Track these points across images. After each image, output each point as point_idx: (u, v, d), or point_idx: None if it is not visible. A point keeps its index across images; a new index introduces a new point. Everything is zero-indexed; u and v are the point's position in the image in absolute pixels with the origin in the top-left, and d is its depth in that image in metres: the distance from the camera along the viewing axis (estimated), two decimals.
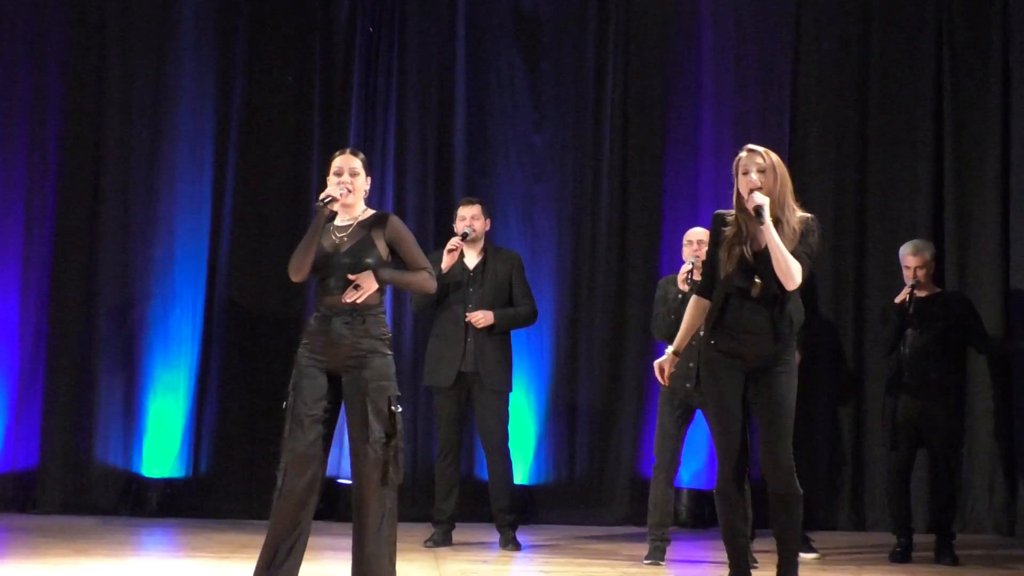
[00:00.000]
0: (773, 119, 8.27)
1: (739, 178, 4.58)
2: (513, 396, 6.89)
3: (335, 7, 8.23)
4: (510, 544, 6.62)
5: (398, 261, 4.75)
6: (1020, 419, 7.65)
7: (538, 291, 7.30)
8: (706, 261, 4.83)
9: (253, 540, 6.43)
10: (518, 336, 7.14)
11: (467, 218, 6.79)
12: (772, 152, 4.60)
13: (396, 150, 8.21)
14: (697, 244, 6.19)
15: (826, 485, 7.96)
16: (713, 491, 4.70)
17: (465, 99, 8.25)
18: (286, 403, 4.61)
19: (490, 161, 8.26)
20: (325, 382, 4.61)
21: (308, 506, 4.57)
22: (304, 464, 4.53)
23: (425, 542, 6.62)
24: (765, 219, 4.46)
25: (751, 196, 4.51)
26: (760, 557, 5.79)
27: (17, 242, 7.92)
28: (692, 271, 6.13)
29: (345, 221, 4.73)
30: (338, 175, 4.72)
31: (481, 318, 6.66)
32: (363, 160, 4.79)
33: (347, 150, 4.85)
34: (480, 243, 6.82)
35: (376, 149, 8.08)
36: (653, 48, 8.34)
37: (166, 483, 7.78)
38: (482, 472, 7.38)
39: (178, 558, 6.29)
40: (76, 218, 7.97)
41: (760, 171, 4.55)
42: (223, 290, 8.01)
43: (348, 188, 4.70)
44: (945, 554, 6.52)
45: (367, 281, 4.58)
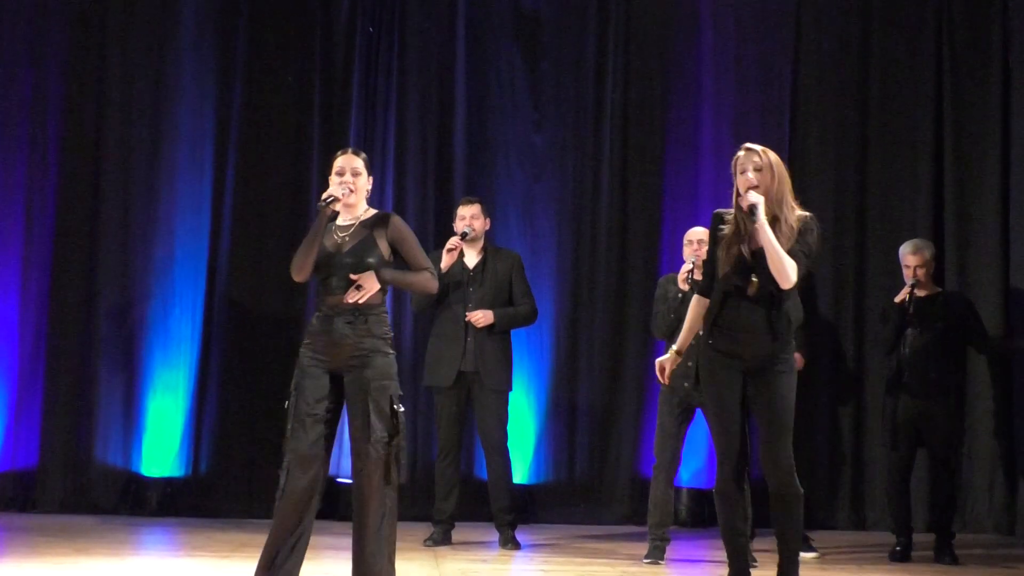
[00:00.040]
0: (773, 119, 8.27)
1: (737, 177, 4.60)
2: (513, 396, 6.89)
3: (335, 7, 8.23)
4: (510, 543, 6.62)
5: (400, 261, 4.74)
6: (1020, 419, 7.65)
7: (538, 291, 7.30)
8: (706, 260, 4.83)
9: (253, 539, 6.44)
10: (518, 336, 7.14)
11: (466, 217, 6.79)
12: (770, 151, 4.59)
13: (396, 150, 8.21)
14: (697, 244, 6.20)
15: (826, 485, 7.96)
16: (713, 490, 4.70)
17: (465, 99, 8.25)
18: (288, 403, 4.60)
19: (490, 161, 8.26)
20: (327, 382, 4.60)
21: (310, 506, 4.56)
22: (306, 464, 4.52)
23: (425, 541, 6.62)
24: (759, 218, 4.47)
25: (746, 195, 4.52)
26: (760, 556, 5.79)
27: (17, 242, 7.92)
28: (692, 270, 6.13)
29: (347, 221, 4.72)
30: (340, 175, 4.70)
31: (481, 317, 6.66)
32: (365, 160, 4.78)
33: (349, 149, 4.83)
34: (480, 242, 6.82)
35: (376, 149, 8.07)
36: (653, 48, 8.34)
37: (166, 482, 7.78)
38: (482, 472, 7.37)
39: (178, 557, 6.28)
40: (76, 218, 7.97)
41: (757, 170, 4.55)
42: (223, 290, 8.01)
43: (350, 188, 4.69)
44: (945, 554, 6.53)
45: (369, 281, 4.57)
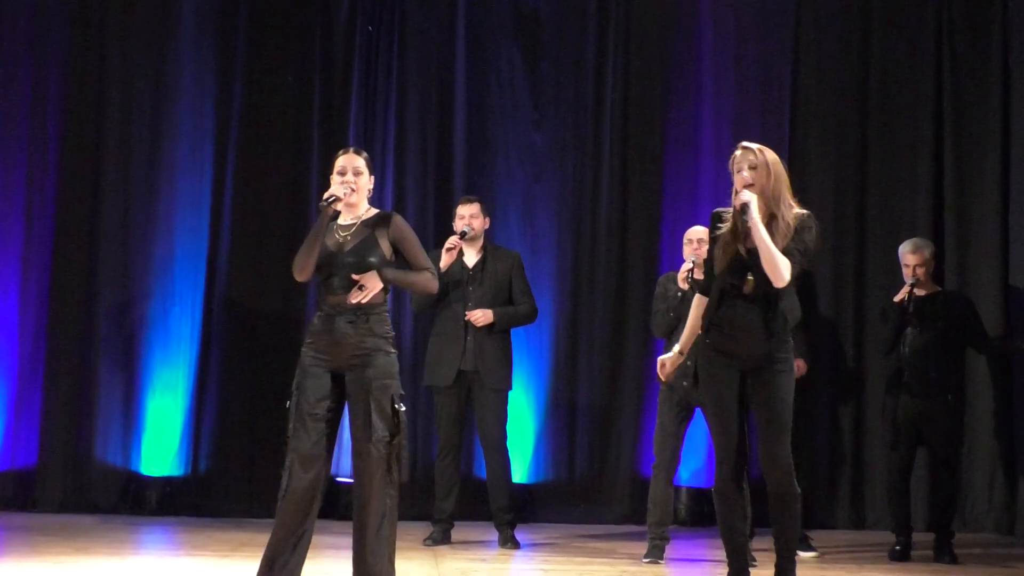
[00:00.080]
0: (773, 119, 8.27)
1: (734, 175, 4.61)
2: (513, 395, 6.89)
3: (335, 7, 8.23)
4: (509, 543, 6.62)
5: (401, 261, 4.74)
6: (1020, 419, 7.65)
7: (538, 290, 7.30)
8: (707, 260, 4.84)
9: (253, 538, 6.44)
10: (518, 335, 7.14)
11: (466, 217, 6.79)
12: (767, 149, 4.60)
13: (396, 150, 8.21)
14: (697, 243, 6.20)
15: (826, 484, 7.96)
16: (712, 490, 4.70)
17: (465, 99, 8.25)
18: (289, 402, 4.59)
19: (490, 160, 8.26)
20: (329, 381, 4.59)
21: (312, 505, 4.55)
22: (308, 464, 4.51)
23: (424, 540, 6.62)
24: (751, 216, 4.48)
25: (739, 193, 4.53)
26: (759, 556, 5.79)
27: (17, 242, 7.92)
28: (692, 269, 6.14)
29: (348, 220, 4.71)
30: (341, 174, 4.69)
31: (480, 317, 6.66)
32: (366, 159, 4.76)
33: (350, 149, 4.80)
34: (479, 241, 6.81)
35: (376, 148, 8.07)
36: (653, 48, 8.34)
37: (166, 481, 7.79)
38: (481, 471, 7.37)
39: (178, 556, 6.28)
40: (76, 217, 7.98)
41: (752, 168, 4.56)
42: (223, 289, 8.02)
43: (352, 187, 4.67)
44: (944, 553, 6.52)
45: (372, 281, 4.55)
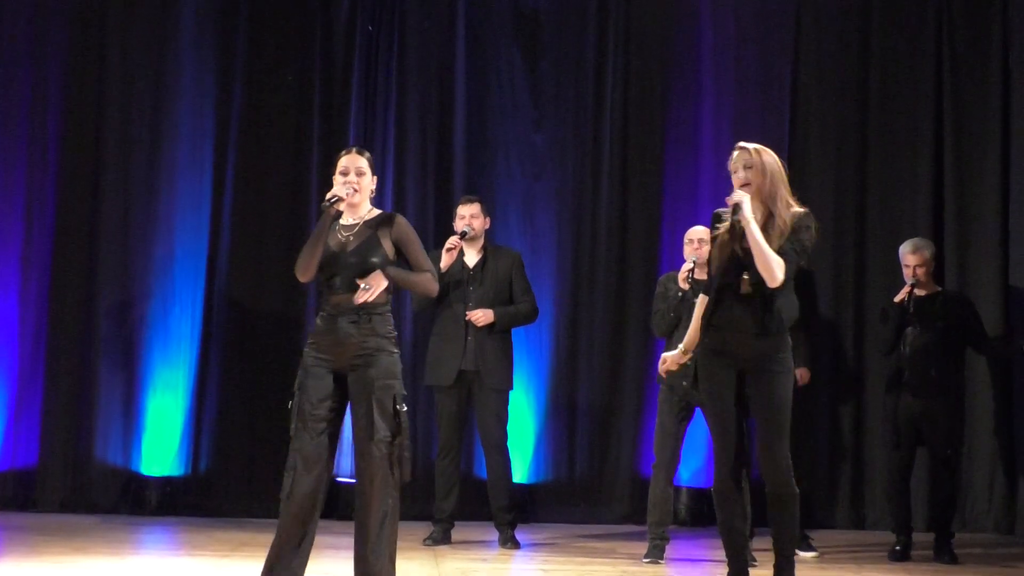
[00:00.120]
0: (773, 119, 8.27)
1: (732, 176, 4.64)
2: (513, 395, 6.88)
3: (335, 7, 8.23)
4: (509, 542, 6.61)
5: (403, 262, 4.74)
6: (1020, 418, 7.65)
7: (538, 290, 7.29)
8: (709, 260, 4.85)
9: (253, 538, 6.45)
10: (518, 335, 7.14)
11: (466, 216, 6.78)
12: (765, 149, 4.62)
13: (396, 150, 8.21)
14: (698, 243, 6.20)
15: (826, 484, 7.96)
16: (711, 490, 4.71)
17: (465, 98, 8.25)
18: (291, 403, 4.59)
19: (490, 160, 8.26)
20: (331, 382, 4.58)
21: (315, 506, 4.55)
22: (311, 464, 4.51)
23: (424, 540, 6.61)
24: (743, 216, 4.51)
25: (733, 193, 4.56)
26: (759, 555, 5.79)
27: (17, 241, 7.92)
28: (693, 269, 6.14)
29: (351, 220, 4.70)
30: (344, 174, 4.68)
31: (481, 316, 6.65)
32: (369, 159, 4.75)
33: (353, 149, 4.78)
34: (480, 241, 6.81)
35: (376, 148, 8.06)
36: (653, 47, 8.34)
37: (166, 481, 7.78)
38: (481, 471, 7.37)
39: (178, 556, 6.28)
40: (76, 217, 7.97)
41: (747, 168, 4.59)
42: (223, 288, 8.01)
43: (354, 187, 4.67)
44: (944, 553, 6.53)
45: (377, 280, 4.53)
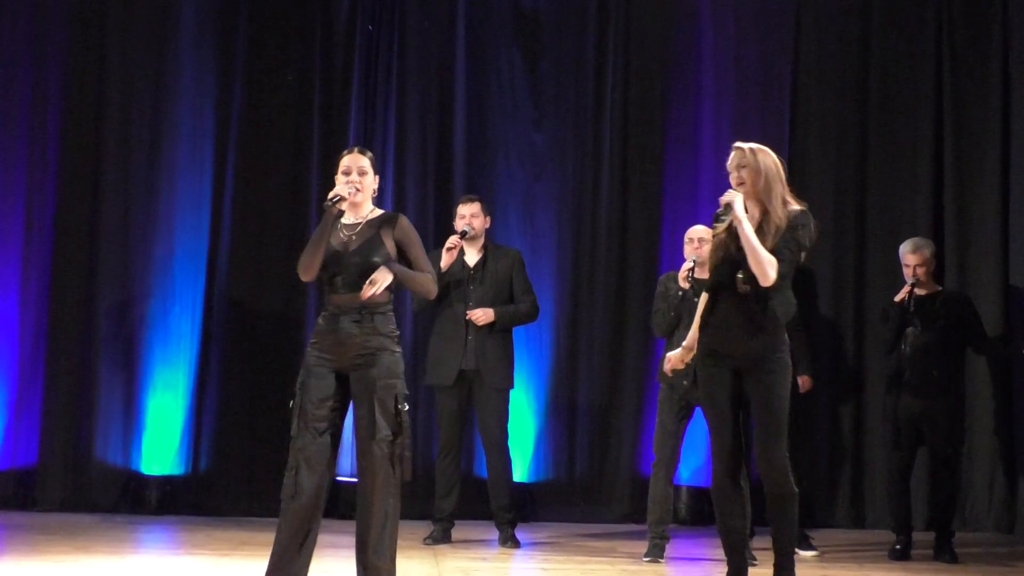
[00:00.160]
0: (773, 119, 8.27)
1: (730, 176, 4.68)
2: (513, 394, 6.88)
3: (335, 7, 8.23)
4: (509, 542, 6.61)
5: (404, 262, 4.73)
6: (1020, 418, 7.65)
7: (538, 290, 7.28)
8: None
9: (253, 537, 6.45)
10: (518, 334, 7.13)
11: (466, 216, 6.78)
12: (760, 148, 4.65)
13: (396, 150, 8.21)
14: (698, 242, 6.21)
15: (826, 483, 7.97)
16: (711, 488, 4.73)
17: (465, 98, 8.25)
18: (293, 402, 4.60)
19: (490, 160, 8.26)
20: (333, 382, 4.58)
21: (318, 506, 4.55)
22: (313, 464, 4.51)
23: (425, 540, 6.61)
24: (734, 215, 4.54)
25: (725, 193, 4.60)
26: (760, 554, 5.79)
27: (17, 241, 7.91)
28: (693, 268, 6.14)
29: (353, 220, 4.70)
30: (346, 174, 4.68)
31: (481, 316, 6.66)
32: (371, 159, 4.75)
33: (355, 149, 4.79)
34: (480, 241, 6.81)
35: (376, 148, 8.05)
36: (653, 47, 8.34)
37: (166, 481, 7.77)
38: (482, 470, 7.37)
39: (178, 555, 6.29)
40: (76, 217, 7.97)
41: (742, 167, 4.62)
42: (223, 288, 8.01)
43: (356, 187, 4.67)
44: (944, 552, 6.53)
45: (383, 274, 4.53)
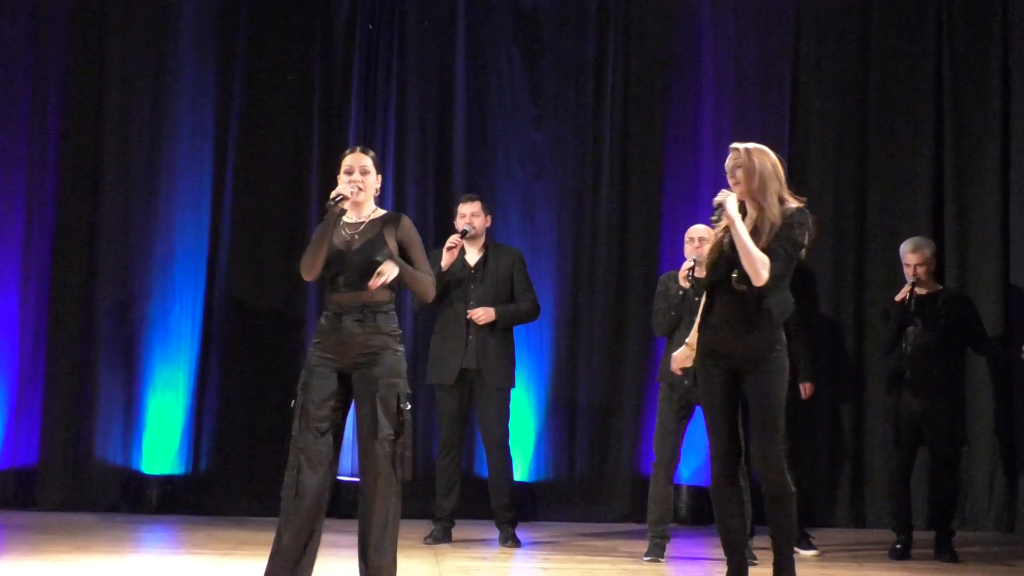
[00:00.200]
0: (773, 119, 8.27)
1: (728, 177, 4.70)
2: (513, 393, 6.88)
3: (335, 7, 8.22)
4: (510, 541, 6.61)
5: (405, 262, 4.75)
6: (1020, 418, 7.66)
7: (538, 289, 7.26)
8: None
9: (253, 537, 6.44)
10: (518, 333, 7.13)
11: (467, 215, 6.78)
12: (756, 148, 4.66)
13: (396, 149, 8.21)
14: (699, 241, 6.20)
15: (826, 483, 7.97)
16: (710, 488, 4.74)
17: (465, 97, 8.25)
18: (295, 401, 4.60)
19: (490, 159, 8.25)
20: (335, 381, 4.59)
21: (321, 506, 4.56)
22: (315, 463, 4.51)
23: (425, 539, 6.61)
24: (726, 215, 4.56)
25: (718, 194, 4.62)
26: (760, 554, 5.79)
27: (17, 240, 7.91)
28: (694, 267, 6.14)
29: (356, 219, 4.71)
30: (349, 173, 4.69)
31: (482, 315, 6.65)
32: (374, 158, 4.76)
33: (357, 148, 4.80)
34: (481, 240, 6.81)
35: (376, 148, 8.01)
36: (653, 47, 8.34)
37: (166, 480, 7.77)
38: (482, 469, 7.37)
39: (178, 555, 6.28)
40: (76, 216, 7.96)
41: (737, 168, 4.64)
42: (223, 287, 8.01)
43: (359, 186, 4.67)
44: (945, 551, 6.53)
45: (389, 267, 4.54)
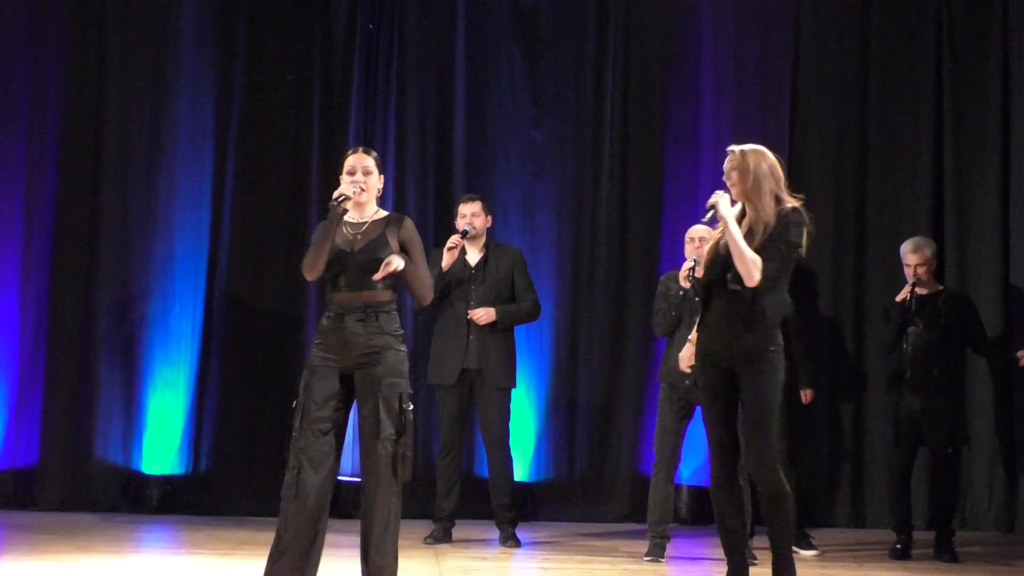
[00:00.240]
0: (773, 119, 8.27)
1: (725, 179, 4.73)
2: (514, 393, 6.88)
3: (335, 7, 8.22)
4: (510, 541, 6.61)
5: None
6: (1020, 418, 7.66)
7: (538, 289, 7.26)
8: None
9: (254, 537, 6.44)
10: (518, 333, 7.13)
11: (467, 215, 6.78)
12: (752, 149, 4.68)
13: (396, 149, 8.21)
14: (699, 241, 6.19)
15: (826, 483, 7.97)
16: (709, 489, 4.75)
17: (465, 96, 8.25)
18: (296, 402, 4.60)
19: (490, 159, 8.25)
20: (337, 381, 4.59)
21: (323, 506, 4.56)
22: (316, 464, 4.52)
23: (425, 539, 6.61)
24: (719, 215, 4.58)
25: (712, 195, 4.64)
26: (760, 554, 5.79)
27: (17, 239, 7.90)
28: (694, 268, 6.13)
29: (358, 219, 4.72)
30: (351, 173, 4.70)
31: (483, 315, 6.65)
32: (376, 159, 4.77)
33: (360, 148, 4.81)
34: (481, 240, 6.81)
35: (376, 148, 8.02)
36: (653, 46, 8.34)
37: (166, 480, 7.77)
38: (482, 469, 7.37)
39: (178, 555, 6.28)
40: (76, 215, 7.96)
41: (732, 169, 4.67)
42: (223, 287, 8.00)
43: (361, 187, 4.68)
44: (945, 551, 6.54)
45: (396, 258, 4.56)
